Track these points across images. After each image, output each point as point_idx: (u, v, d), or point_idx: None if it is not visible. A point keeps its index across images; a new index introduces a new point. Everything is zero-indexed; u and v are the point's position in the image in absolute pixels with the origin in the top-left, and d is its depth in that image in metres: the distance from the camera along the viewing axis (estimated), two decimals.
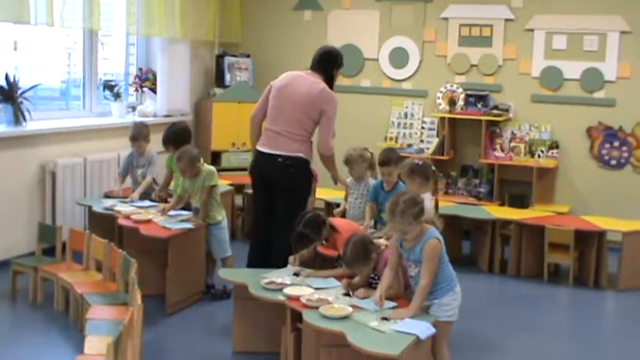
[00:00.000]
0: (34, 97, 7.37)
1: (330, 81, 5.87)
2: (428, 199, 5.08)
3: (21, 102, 6.99)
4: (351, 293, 4.61)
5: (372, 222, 6.07)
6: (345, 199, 6.55)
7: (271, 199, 5.76)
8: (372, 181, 6.33)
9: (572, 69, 8.35)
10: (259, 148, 5.77)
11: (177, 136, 6.65)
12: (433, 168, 5.59)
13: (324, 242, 5.34)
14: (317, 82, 5.76)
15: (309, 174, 5.80)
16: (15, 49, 7.64)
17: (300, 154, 5.66)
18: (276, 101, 5.75)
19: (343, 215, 6.35)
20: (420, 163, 5.50)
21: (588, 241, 7.03)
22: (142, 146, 7.06)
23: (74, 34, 8.00)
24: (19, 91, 6.99)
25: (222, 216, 6.31)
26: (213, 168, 6.31)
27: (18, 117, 6.94)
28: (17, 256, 6.51)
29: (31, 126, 7.06)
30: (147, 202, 6.72)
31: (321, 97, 5.69)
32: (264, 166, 5.76)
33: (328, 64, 5.91)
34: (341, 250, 4.95)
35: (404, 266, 4.59)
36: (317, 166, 6.75)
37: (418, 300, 4.26)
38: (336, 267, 5.11)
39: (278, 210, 5.73)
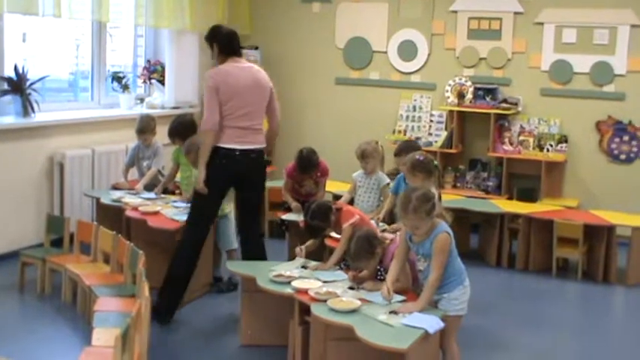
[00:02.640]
0: (43, 89, 7.38)
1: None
2: None
3: (29, 93, 7.00)
4: (356, 287, 4.60)
5: (383, 214, 6.06)
6: (350, 191, 6.54)
7: (222, 197, 5.74)
8: (381, 175, 6.34)
9: (582, 62, 8.30)
10: (227, 146, 5.47)
11: (183, 129, 6.64)
12: (435, 162, 5.57)
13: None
14: (251, 64, 5.77)
15: (266, 163, 5.87)
16: (24, 40, 7.63)
17: (263, 145, 5.65)
18: (236, 99, 5.46)
19: None
20: (422, 158, 5.47)
21: (597, 235, 7.01)
22: (149, 139, 7.06)
23: (82, 25, 8.00)
24: (28, 83, 7.00)
25: (229, 208, 6.29)
26: None
27: (27, 108, 6.95)
28: (25, 247, 6.52)
29: (39, 117, 7.07)
30: (153, 194, 6.72)
31: (266, 76, 5.70)
32: (238, 163, 5.51)
33: (239, 44, 5.75)
34: (345, 225, 5.11)
35: (412, 260, 4.58)
36: (327, 160, 6.79)
37: (427, 294, 4.25)
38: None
39: (251, 205, 5.75)
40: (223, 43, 5.63)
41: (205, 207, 5.63)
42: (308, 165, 6.63)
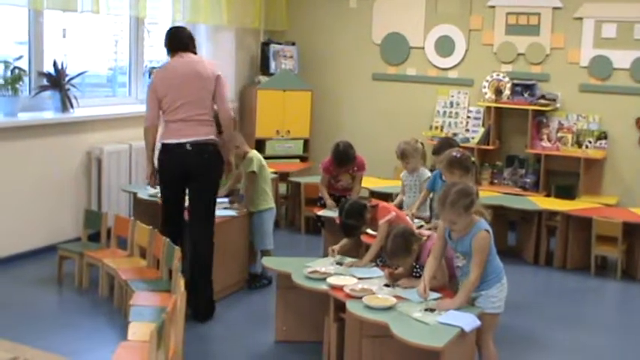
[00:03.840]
0: (82, 84, 7.45)
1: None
2: None
3: (68, 89, 7.06)
4: (392, 284, 4.58)
5: (421, 210, 6.05)
6: (401, 191, 6.53)
7: (182, 192, 5.62)
8: (422, 171, 6.33)
9: (622, 58, 8.18)
10: (166, 141, 5.51)
11: (217, 125, 6.65)
12: (472, 159, 5.53)
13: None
14: (199, 57, 5.74)
15: (220, 156, 5.64)
16: (64, 36, 7.70)
17: (210, 137, 5.54)
18: (171, 93, 5.49)
19: (400, 207, 6.30)
20: (459, 155, 5.43)
21: (637, 233, 6.92)
22: None
23: (121, 21, 8.05)
24: (67, 78, 7.06)
25: (266, 205, 6.27)
26: (253, 154, 6.24)
27: (65, 104, 7.02)
28: (63, 241, 6.60)
29: (77, 113, 7.14)
30: None
31: (211, 66, 5.64)
32: (177, 157, 5.49)
33: (191, 41, 5.73)
34: (381, 222, 5.11)
35: (448, 256, 4.55)
36: (363, 156, 6.77)
37: (465, 293, 4.22)
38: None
39: (193, 199, 5.60)
40: (165, 42, 5.74)
41: (166, 203, 5.69)
42: (345, 158, 6.63)
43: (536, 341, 5.41)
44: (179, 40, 5.69)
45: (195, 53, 5.74)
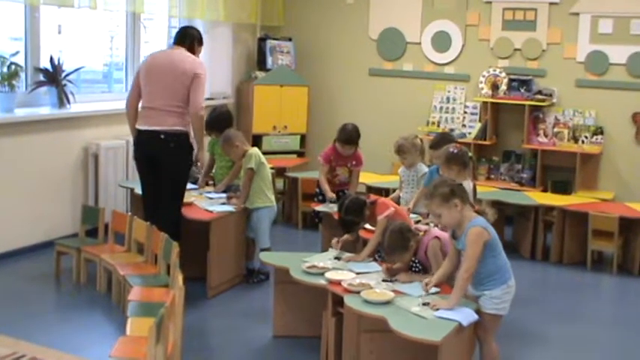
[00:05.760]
0: (78, 80, 7.45)
1: (191, 54, 5.99)
2: (467, 186, 5.02)
3: (65, 85, 7.06)
4: (390, 279, 4.59)
5: (419, 207, 6.05)
6: (399, 187, 6.54)
7: (156, 176, 5.85)
8: (420, 167, 6.33)
9: (619, 53, 8.20)
10: (138, 127, 5.86)
11: (221, 120, 6.70)
12: (470, 154, 5.54)
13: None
14: (185, 53, 5.90)
15: (188, 147, 5.87)
16: (59, 32, 7.69)
17: (178, 127, 5.74)
18: (148, 80, 5.83)
19: (397, 203, 6.31)
20: (456, 151, 5.46)
21: (633, 228, 6.94)
22: None
23: (117, 17, 8.04)
24: (63, 74, 7.06)
25: (262, 203, 6.23)
26: (253, 151, 6.25)
27: (62, 99, 7.02)
28: (61, 237, 6.60)
29: (74, 108, 7.13)
30: (188, 185, 6.74)
31: (192, 62, 5.82)
32: (145, 143, 5.84)
33: (189, 39, 6.02)
34: (380, 217, 5.09)
35: (445, 250, 4.59)
36: (361, 150, 6.78)
37: (458, 290, 4.18)
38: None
39: (162, 186, 5.83)
40: None
41: (142, 186, 6.03)
42: (353, 136, 6.68)
43: (533, 335, 5.43)
44: (177, 36, 6.06)
45: (191, 49, 5.94)
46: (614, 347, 5.36)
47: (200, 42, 6.13)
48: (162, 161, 5.77)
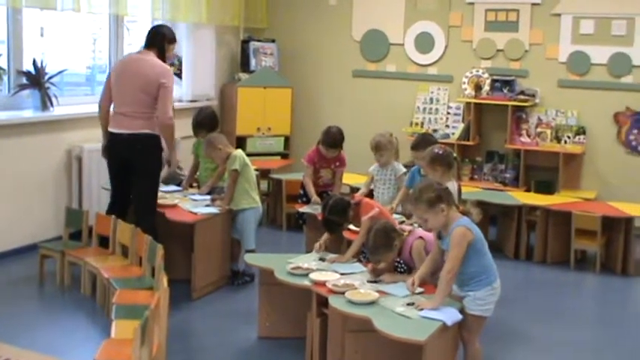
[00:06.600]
0: (61, 83, 7.42)
1: (162, 55, 6.07)
2: (452, 187, 5.04)
3: (48, 87, 7.04)
4: (374, 280, 4.60)
5: (396, 206, 6.07)
6: (366, 184, 6.55)
7: (126, 178, 5.97)
8: (397, 165, 6.35)
9: (600, 54, 8.25)
10: (110, 129, 5.99)
11: (207, 122, 6.73)
12: (454, 155, 5.56)
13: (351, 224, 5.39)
14: (152, 60, 5.96)
15: (156, 149, 5.99)
16: (41, 34, 7.66)
17: (146, 130, 5.87)
18: (117, 86, 5.96)
19: None
20: (441, 151, 5.47)
21: (615, 227, 6.98)
22: None
23: (100, 19, 8.02)
24: (46, 77, 7.03)
25: (247, 205, 6.23)
26: (237, 152, 6.25)
27: (45, 102, 7.00)
28: (45, 240, 6.58)
29: (57, 111, 7.11)
30: (172, 187, 6.75)
31: (158, 73, 5.88)
32: (115, 145, 5.98)
33: (159, 39, 6.08)
34: (364, 218, 5.07)
35: (428, 250, 4.61)
36: (345, 151, 6.79)
37: (441, 290, 4.19)
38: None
39: (133, 188, 5.98)
40: None
41: (112, 188, 6.20)
42: (337, 139, 6.71)
43: (517, 335, 5.46)
44: (147, 37, 6.13)
45: (162, 50, 6.04)
46: (597, 345, 5.38)
47: (171, 40, 6.19)
48: (133, 163, 5.89)
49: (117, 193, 6.12)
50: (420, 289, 4.37)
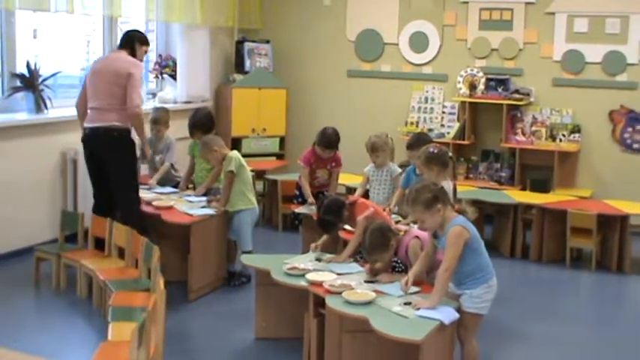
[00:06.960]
0: (55, 85, 7.39)
1: (133, 55, 6.24)
2: (447, 186, 5.05)
3: (42, 90, 7.03)
4: (371, 279, 4.60)
5: (393, 206, 6.07)
6: (362, 185, 6.55)
7: (102, 171, 6.10)
8: (392, 166, 6.34)
9: (594, 52, 8.27)
10: (84, 125, 6.14)
11: (203, 122, 6.74)
12: (450, 154, 5.56)
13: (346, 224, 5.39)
14: (122, 55, 6.18)
15: (128, 141, 6.11)
16: (34, 37, 7.64)
17: (116, 123, 6.00)
18: (91, 83, 6.13)
19: None
20: (436, 151, 5.47)
21: (611, 225, 6.99)
22: (161, 130, 7.08)
23: (93, 21, 8.01)
24: (40, 79, 7.02)
25: (243, 206, 6.23)
26: (233, 154, 6.26)
27: (39, 105, 6.99)
28: (40, 242, 6.56)
29: (51, 114, 7.10)
30: (167, 189, 6.75)
31: (126, 64, 6.07)
32: (89, 140, 6.11)
33: (130, 41, 6.28)
34: (360, 218, 5.07)
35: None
36: (340, 151, 6.79)
37: (439, 290, 4.19)
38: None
39: (110, 180, 6.09)
40: None
41: (90, 179, 6.31)
42: (333, 140, 6.71)
43: (513, 332, 5.46)
44: (120, 40, 6.39)
45: (133, 50, 6.22)
46: (593, 343, 5.38)
47: (142, 42, 6.34)
48: (105, 157, 6.02)
49: (99, 192, 6.23)
50: (415, 288, 4.37)
